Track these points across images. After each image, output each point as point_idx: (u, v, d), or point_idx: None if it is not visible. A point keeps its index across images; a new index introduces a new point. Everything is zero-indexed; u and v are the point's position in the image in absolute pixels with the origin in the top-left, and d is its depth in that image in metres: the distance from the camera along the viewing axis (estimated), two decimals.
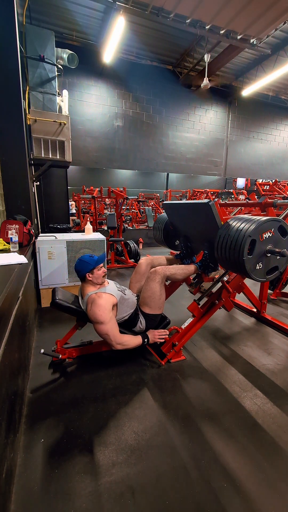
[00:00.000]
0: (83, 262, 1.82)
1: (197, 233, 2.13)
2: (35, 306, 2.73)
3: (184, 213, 2.14)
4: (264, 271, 1.66)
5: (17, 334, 1.39)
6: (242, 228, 1.55)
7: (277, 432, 1.39)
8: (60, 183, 5.28)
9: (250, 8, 4.27)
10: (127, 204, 8.78)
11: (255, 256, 1.57)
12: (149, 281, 1.92)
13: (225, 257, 1.63)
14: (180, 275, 1.99)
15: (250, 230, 1.50)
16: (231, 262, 1.61)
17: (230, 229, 1.61)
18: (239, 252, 1.51)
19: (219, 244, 1.65)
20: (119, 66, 6.32)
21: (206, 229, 1.93)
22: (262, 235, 1.56)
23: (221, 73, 7.25)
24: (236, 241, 1.53)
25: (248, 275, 1.59)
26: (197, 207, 1.91)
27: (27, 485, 1.10)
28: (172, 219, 2.38)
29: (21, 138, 2.67)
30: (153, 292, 1.91)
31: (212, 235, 1.78)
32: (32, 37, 2.91)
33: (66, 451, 1.26)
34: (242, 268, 1.56)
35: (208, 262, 2.02)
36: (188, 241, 2.28)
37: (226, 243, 1.59)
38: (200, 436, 1.36)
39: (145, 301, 1.95)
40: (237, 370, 1.92)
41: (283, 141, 9.13)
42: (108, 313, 1.71)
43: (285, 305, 3.13)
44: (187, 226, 2.22)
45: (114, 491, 1.09)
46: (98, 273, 1.83)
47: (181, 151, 7.58)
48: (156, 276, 1.90)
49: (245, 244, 1.49)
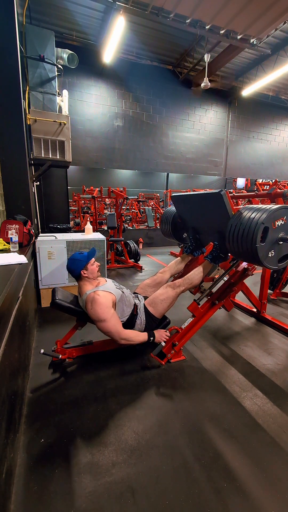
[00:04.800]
0: (75, 261, 1.81)
1: (207, 224, 2.16)
2: (35, 306, 2.73)
3: (193, 205, 2.17)
4: (277, 259, 1.68)
5: (17, 334, 1.39)
6: (254, 217, 1.56)
7: (277, 432, 1.39)
8: (60, 183, 5.29)
9: (250, 8, 4.26)
10: (127, 204, 8.78)
11: (267, 244, 1.58)
12: (167, 290, 1.97)
13: (237, 246, 1.64)
14: (197, 280, 2.03)
15: (263, 217, 1.52)
16: (243, 251, 1.62)
17: (242, 217, 1.63)
18: (252, 239, 1.53)
19: (231, 233, 1.67)
20: (119, 66, 6.31)
21: (216, 219, 1.94)
22: (274, 222, 1.57)
23: (221, 73, 7.24)
24: (249, 229, 1.55)
25: (261, 262, 1.60)
26: (208, 197, 1.93)
27: (27, 485, 1.10)
28: (181, 211, 2.40)
29: (21, 138, 2.67)
30: (167, 297, 1.97)
31: (223, 225, 1.80)
32: (32, 37, 2.91)
33: (66, 451, 1.26)
34: (255, 256, 1.57)
35: (218, 252, 2.03)
36: (196, 233, 2.30)
37: (238, 232, 1.61)
38: (200, 436, 1.36)
39: (155, 302, 1.98)
40: (237, 370, 1.92)
41: (283, 141, 9.12)
42: (109, 310, 1.71)
43: (285, 305, 3.13)
44: (197, 218, 2.25)
45: (114, 491, 1.09)
46: (92, 268, 1.83)
47: (181, 151, 7.57)
48: (176, 288, 1.97)
49: (258, 231, 1.51)
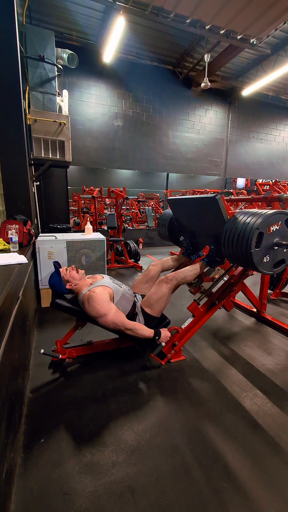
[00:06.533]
0: (55, 285, 1.84)
1: (203, 228, 2.14)
2: (35, 306, 2.73)
3: (189, 208, 2.14)
4: (272, 264, 1.67)
5: (17, 334, 1.39)
6: (249, 222, 1.55)
7: (277, 432, 1.39)
8: (60, 183, 5.29)
9: (250, 8, 4.26)
10: (127, 204, 8.78)
11: (262, 249, 1.57)
12: (160, 286, 1.94)
13: (232, 251, 1.63)
14: (191, 276, 2.01)
15: (257, 223, 1.51)
16: (238, 256, 1.61)
17: (237, 222, 1.61)
18: (247, 245, 1.52)
19: (226, 238, 1.66)
20: (119, 66, 6.31)
21: (212, 223, 1.93)
22: (269, 227, 1.56)
23: (221, 73, 7.24)
24: (244, 234, 1.53)
25: (256, 268, 1.59)
26: (203, 201, 1.91)
27: (27, 485, 1.10)
28: (177, 214, 2.38)
29: (21, 138, 2.67)
30: (161, 296, 1.94)
31: (219, 229, 1.78)
32: (32, 37, 2.91)
33: (66, 451, 1.26)
34: (249, 261, 1.56)
35: (214, 256, 2.02)
36: (193, 237, 2.28)
37: (233, 237, 1.59)
38: (200, 436, 1.36)
39: (150, 302, 1.96)
40: (237, 370, 1.92)
41: (283, 141, 9.12)
42: (108, 304, 1.71)
43: (285, 305, 3.13)
44: (193, 221, 2.23)
45: (114, 491, 1.09)
46: (69, 275, 1.84)
47: (181, 151, 7.58)
48: (168, 283, 1.93)
49: (253, 237, 1.50)
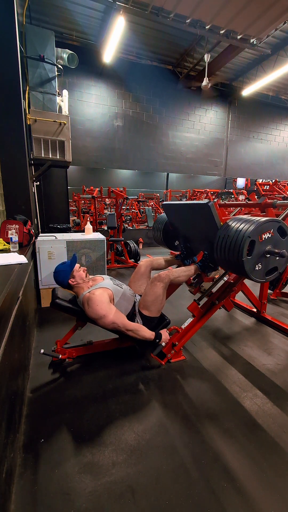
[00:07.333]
0: (60, 272, 1.82)
1: (197, 233, 2.13)
2: (35, 306, 2.73)
3: (183, 214, 2.13)
4: (264, 272, 1.66)
5: (17, 334, 1.39)
6: (241, 229, 1.54)
7: (277, 432, 1.39)
8: (60, 183, 5.28)
9: (250, 8, 4.26)
10: (127, 204, 8.77)
11: (254, 257, 1.56)
12: (153, 286, 1.91)
13: (224, 258, 1.63)
14: (183, 277, 1.99)
15: (249, 231, 1.50)
16: (230, 263, 1.61)
17: (229, 229, 1.60)
18: (239, 253, 1.51)
19: (219, 245, 1.65)
20: (119, 66, 6.32)
21: (205, 229, 1.92)
22: (261, 235, 1.55)
23: (221, 73, 7.24)
24: (236, 242, 1.52)
25: (248, 275, 1.58)
26: (197, 207, 1.90)
27: (27, 485, 1.10)
28: (172, 219, 2.37)
29: (21, 138, 2.67)
30: (156, 297, 1.91)
31: (212, 235, 1.78)
32: (32, 37, 2.91)
33: (66, 451, 1.26)
34: (241, 269, 1.56)
35: (208, 262, 2.01)
36: (187, 242, 2.27)
37: (226, 244, 1.58)
38: (200, 436, 1.36)
39: (146, 304, 1.93)
40: (237, 370, 1.92)
41: (283, 141, 9.13)
42: (107, 305, 1.70)
43: (285, 305, 3.13)
44: (187, 227, 2.22)
45: (114, 491, 1.09)
46: (78, 274, 1.83)
47: (181, 151, 7.58)
48: (161, 281, 1.90)
49: (245, 245, 1.49)
